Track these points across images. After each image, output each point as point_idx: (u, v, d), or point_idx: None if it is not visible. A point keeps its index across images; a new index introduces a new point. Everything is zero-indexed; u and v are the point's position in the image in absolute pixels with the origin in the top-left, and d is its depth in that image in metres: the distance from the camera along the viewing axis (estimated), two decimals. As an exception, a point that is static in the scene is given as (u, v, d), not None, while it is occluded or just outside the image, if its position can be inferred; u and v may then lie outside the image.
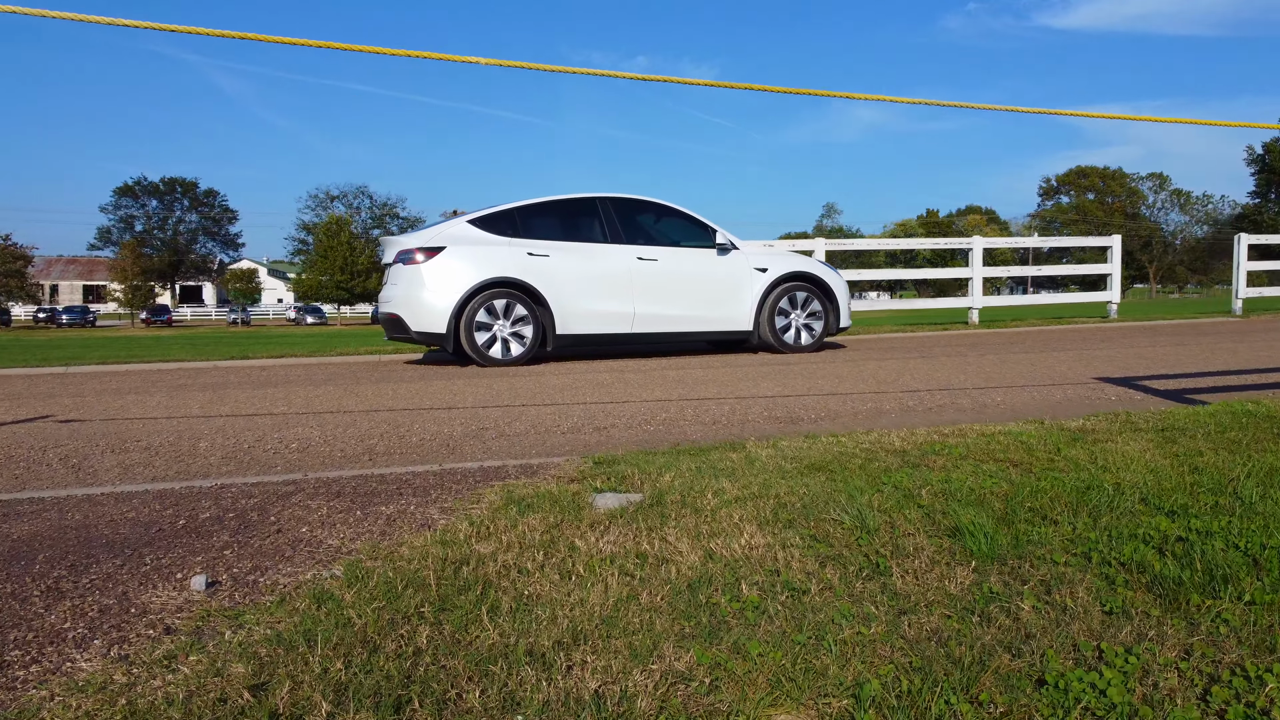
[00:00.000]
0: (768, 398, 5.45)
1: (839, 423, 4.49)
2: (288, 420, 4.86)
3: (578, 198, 8.80)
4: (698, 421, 4.57)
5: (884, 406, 5.03)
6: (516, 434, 4.29)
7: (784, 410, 4.91)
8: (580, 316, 8.35)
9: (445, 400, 5.59)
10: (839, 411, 4.86)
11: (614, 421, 4.60)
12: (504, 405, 5.30)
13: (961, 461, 2.87)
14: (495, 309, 8.11)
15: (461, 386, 6.34)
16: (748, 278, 8.82)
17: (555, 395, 5.75)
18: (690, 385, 6.15)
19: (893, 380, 6.26)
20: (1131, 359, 7.52)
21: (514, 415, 4.86)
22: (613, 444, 3.91)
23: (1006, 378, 6.30)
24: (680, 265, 8.69)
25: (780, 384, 6.14)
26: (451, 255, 8.16)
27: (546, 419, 4.71)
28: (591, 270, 8.42)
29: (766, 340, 8.82)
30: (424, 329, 8.13)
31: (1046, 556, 1.88)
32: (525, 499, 2.57)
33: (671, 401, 5.34)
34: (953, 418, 4.59)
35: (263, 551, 2.16)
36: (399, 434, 4.32)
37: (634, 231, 8.81)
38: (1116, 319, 13.47)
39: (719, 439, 3.99)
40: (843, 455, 3.01)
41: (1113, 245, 13.48)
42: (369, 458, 3.71)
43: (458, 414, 4.96)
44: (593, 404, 5.29)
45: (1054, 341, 9.70)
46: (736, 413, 4.84)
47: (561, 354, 9.33)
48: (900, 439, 3.39)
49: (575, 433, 4.30)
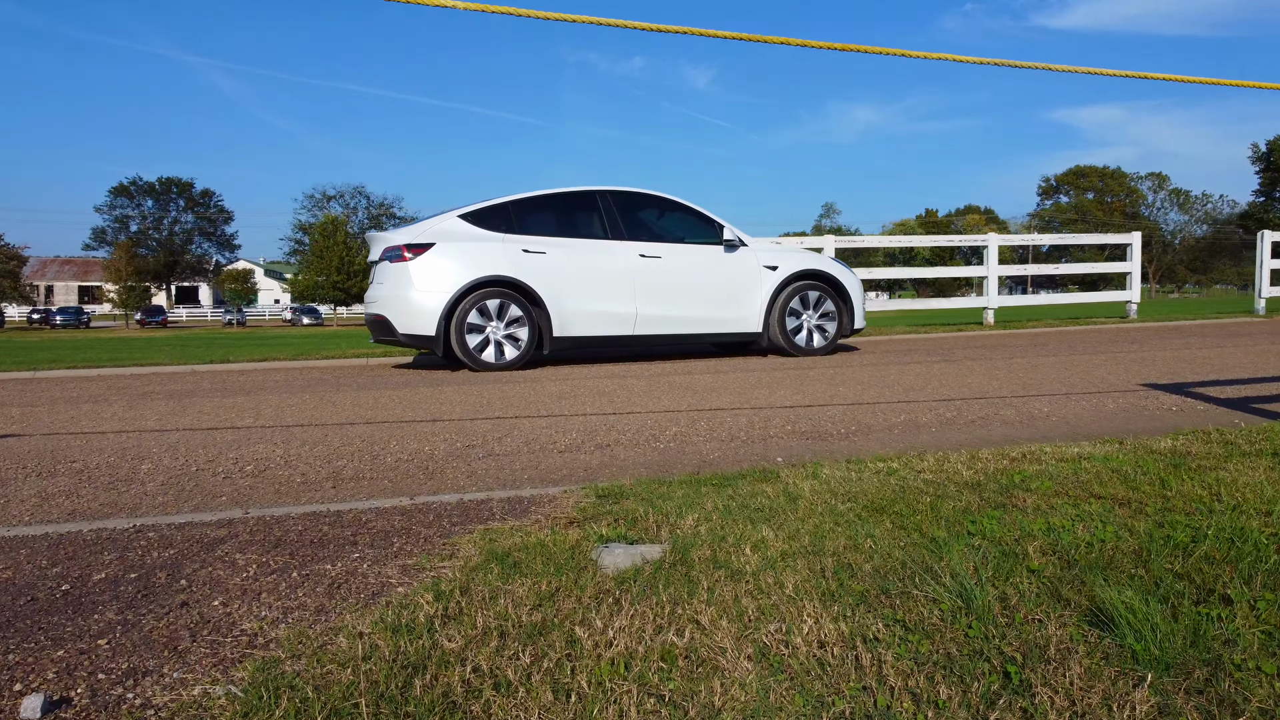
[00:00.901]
0: (787, 408, 4.89)
1: (873, 438, 3.92)
2: (250, 436, 4.29)
3: (576, 191, 8.24)
4: (713, 437, 4.01)
5: (919, 418, 4.47)
6: (507, 453, 3.73)
7: (808, 423, 4.35)
8: (579, 318, 7.79)
9: (430, 411, 5.03)
10: (870, 425, 4.30)
11: (618, 437, 4.03)
12: (495, 417, 4.73)
13: (1055, 499, 2.31)
14: (488, 310, 7.55)
15: (450, 395, 5.78)
16: (756, 276, 8.26)
17: (552, 405, 5.18)
18: (700, 393, 5.59)
19: (920, 387, 5.71)
20: (1172, 362, 6.96)
21: (505, 429, 4.30)
22: (618, 466, 3.35)
23: (1044, 384, 5.75)
24: (685, 263, 8.13)
25: (798, 391, 5.58)
26: (441, 252, 7.60)
27: (541, 434, 4.15)
28: (591, 268, 7.85)
29: (776, 342, 8.26)
30: (412, 331, 7.57)
31: (1247, 664, 1.33)
32: (511, 552, 2.01)
33: (681, 412, 4.78)
34: (1003, 433, 4.03)
35: (152, 641, 1.60)
36: (372, 453, 3.76)
37: (636, 227, 8.25)
38: (1136, 319, 12.91)
39: (741, 460, 3.43)
40: (904, 490, 2.45)
41: (1133, 243, 12.93)
42: (332, 485, 3.15)
43: (442, 428, 4.40)
44: (593, 415, 4.73)
45: (1080, 343, 9.15)
46: (755, 426, 4.27)
47: (559, 358, 8.77)
48: (965, 465, 2.83)
49: (574, 451, 3.74)
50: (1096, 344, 9.00)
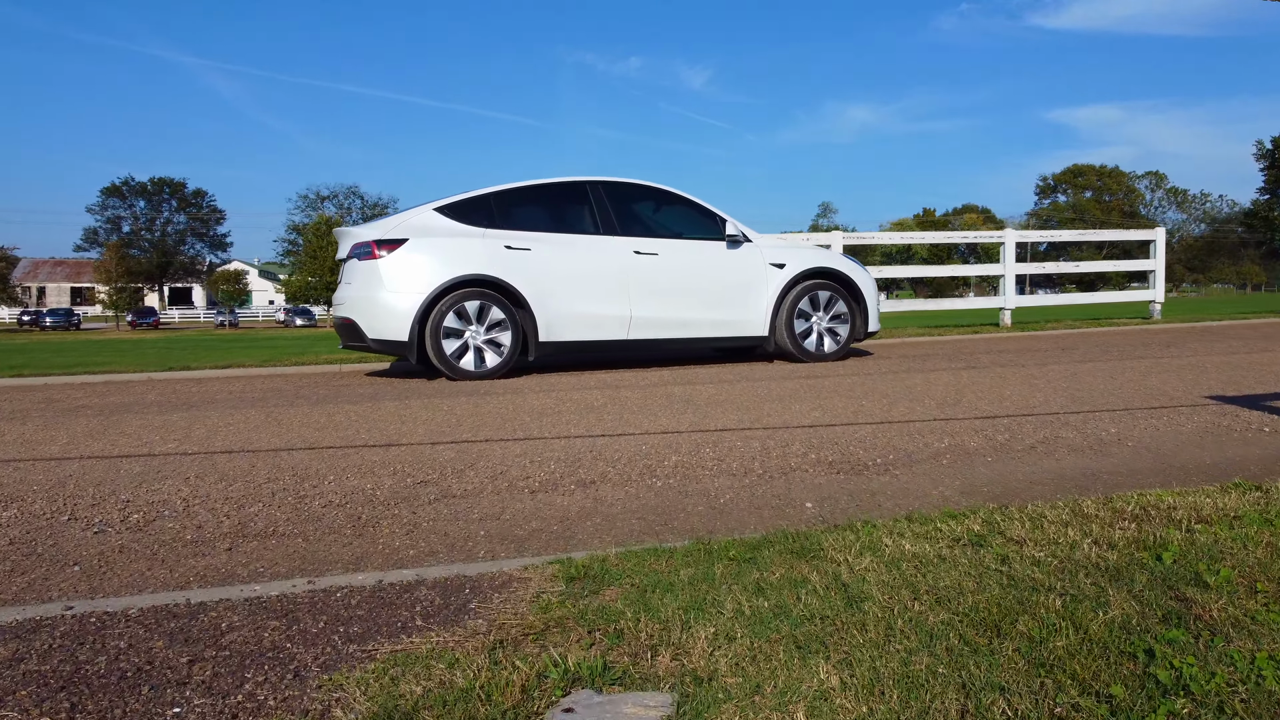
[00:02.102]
0: (806, 428, 4.17)
1: (920, 472, 3.21)
2: (162, 468, 3.56)
3: (564, 182, 7.52)
4: (722, 470, 3.28)
5: (967, 443, 3.75)
6: (466, 493, 3.00)
7: (835, 448, 3.63)
8: (567, 321, 7.07)
9: (389, 432, 4.30)
10: (910, 451, 3.58)
11: (605, 470, 3.31)
12: (462, 440, 4.01)
13: (1255, 605, 1.58)
14: (467, 312, 6.83)
15: (416, 410, 5.05)
16: (762, 274, 7.54)
17: (531, 424, 4.46)
18: (703, 409, 4.86)
19: (954, 400, 4.99)
20: (1226, 369, 6.25)
21: (471, 457, 3.57)
22: (603, 517, 2.63)
23: (1094, 397, 5.03)
24: (684, 260, 7.41)
25: (816, 406, 4.86)
26: (415, 249, 6.88)
27: (513, 465, 3.42)
28: (580, 266, 7.14)
29: (784, 347, 7.55)
30: (382, 336, 6.84)
31: None
32: (419, 711, 1.28)
33: (682, 434, 4.06)
34: (1076, 465, 3.31)
35: None
36: (299, 493, 3.03)
37: (630, 221, 7.53)
38: (1161, 320, 12.21)
39: (760, 505, 2.71)
40: (1014, 583, 1.72)
41: (1157, 239, 12.23)
42: (227, 547, 2.42)
43: (396, 456, 3.67)
44: (578, 438, 4.00)
45: (1112, 347, 8.44)
46: (772, 453, 3.55)
47: (546, 364, 8.04)
48: (1075, 528, 2.11)
49: (550, 491, 3.02)
50: (1129, 347, 8.30)
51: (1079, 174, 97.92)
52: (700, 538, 2.21)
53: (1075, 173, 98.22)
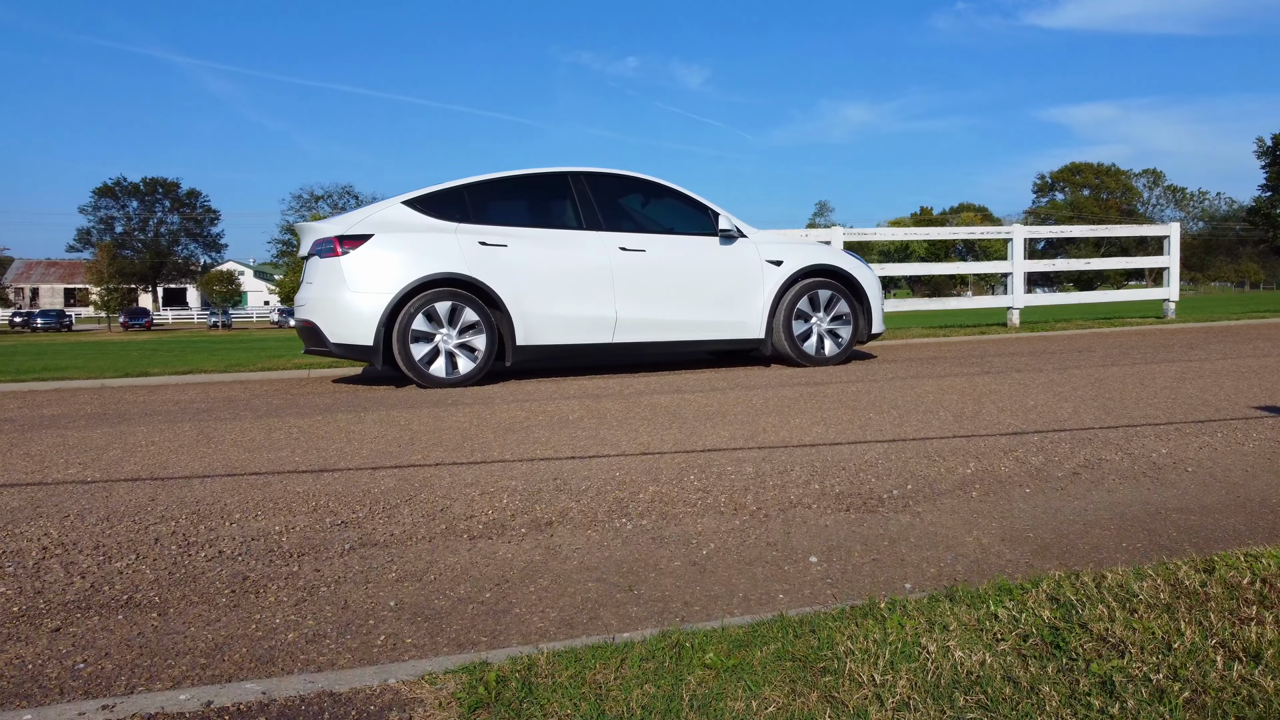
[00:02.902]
0: (808, 447, 3.62)
1: (948, 508, 2.65)
2: (46, 500, 3.00)
3: (544, 173, 6.96)
4: (709, 506, 2.73)
5: (997, 467, 3.19)
6: (390, 541, 2.45)
7: (842, 475, 3.08)
8: (547, 323, 6.51)
9: (329, 453, 3.74)
10: (932, 479, 3.02)
11: (568, 506, 2.75)
12: (409, 464, 3.45)
13: None
14: (437, 314, 6.27)
15: (369, 425, 4.49)
16: (758, 272, 6.99)
17: (493, 442, 3.90)
18: (690, 423, 4.31)
19: (972, 413, 4.44)
20: (1262, 373, 5.70)
21: (412, 488, 3.02)
22: (553, 578, 2.08)
23: (1129, 407, 4.48)
24: (674, 257, 6.86)
25: (818, 419, 4.30)
26: (381, 245, 6.31)
27: (459, 499, 2.86)
28: (562, 264, 6.58)
29: (782, 350, 7.00)
30: (344, 340, 6.28)
31: None
32: None
33: (664, 455, 3.50)
34: (1134, 498, 2.76)
35: None
36: (186, 542, 2.47)
37: (616, 215, 6.98)
38: (1176, 320, 11.68)
39: (753, 558, 2.16)
40: None
41: (1171, 235, 11.69)
42: (56, 627, 1.87)
43: (325, 486, 3.11)
44: (543, 461, 3.44)
45: (1132, 349, 7.90)
46: (768, 482, 3.00)
47: (525, 370, 7.49)
48: (1201, 629, 1.55)
49: (495, 536, 2.46)
50: (1150, 349, 7.75)
51: (1076, 172, 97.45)
52: (668, 629, 1.65)
53: (1073, 170, 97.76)
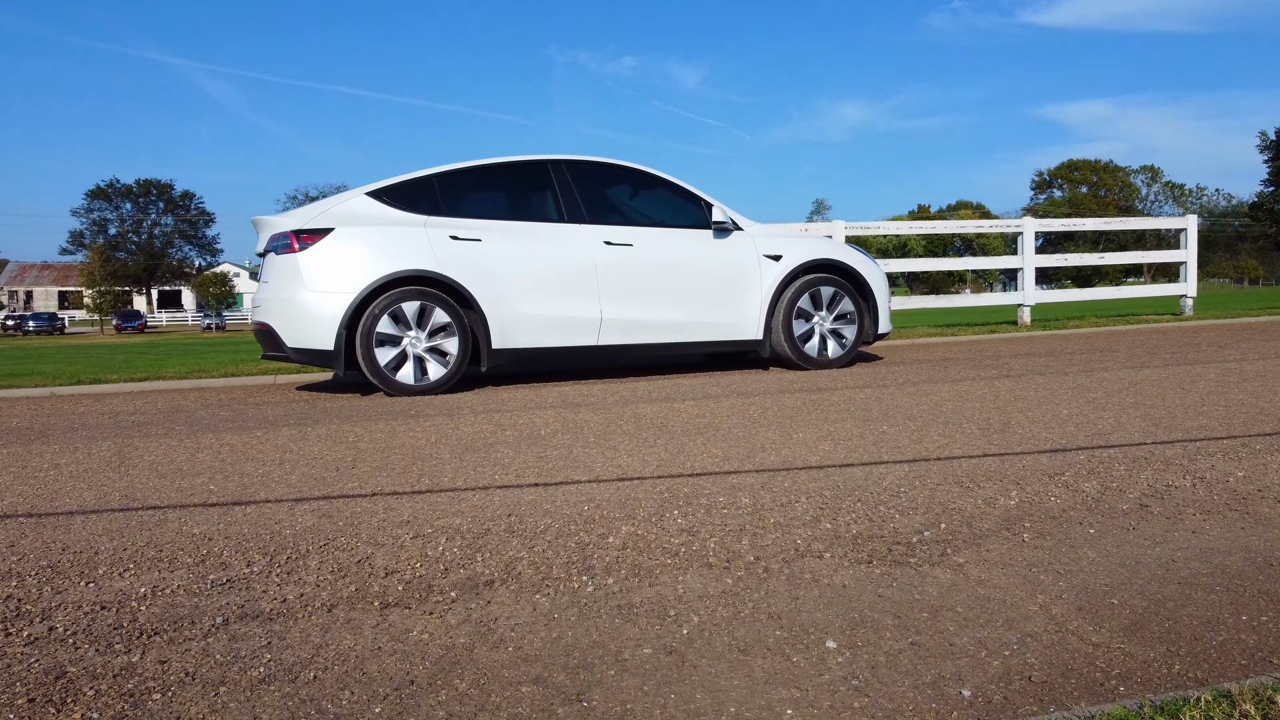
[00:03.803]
0: (814, 469, 3.06)
1: (997, 557, 2.10)
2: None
3: (522, 161, 6.41)
4: (694, 556, 2.17)
5: (1045, 497, 2.64)
6: (275, 612, 1.89)
7: (859, 509, 2.52)
8: (525, 324, 5.96)
9: (252, 479, 3.19)
10: (970, 515, 2.47)
11: (517, 555, 2.20)
12: (338, 495, 2.89)
13: None
14: (404, 315, 5.72)
15: (312, 444, 3.93)
16: (755, 268, 6.44)
17: (448, 464, 3.34)
18: (678, 439, 3.75)
19: (1001, 424, 3.89)
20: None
21: (332, 530, 2.46)
22: (474, 677, 1.53)
23: (1175, 417, 3.93)
24: (664, 252, 6.31)
25: (824, 433, 3.74)
26: (342, 240, 5.76)
27: (383, 546, 2.31)
28: (541, 260, 6.03)
29: (781, 352, 6.45)
30: (303, 344, 5.73)
31: None
32: None
33: (644, 482, 2.95)
34: (1231, 542, 2.20)
35: None
36: (17, 611, 1.91)
37: (601, 207, 6.42)
38: (1194, 317, 11.13)
39: (749, 645, 1.61)
40: None
41: (1188, 228, 11.14)
42: None
43: (229, 525, 2.56)
44: (500, 490, 2.89)
45: (1156, 349, 7.35)
46: (768, 518, 2.45)
47: (504, 375, 6.93)
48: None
49: (416, 603, 1.91)
50: (1178, 349, 7.20)
51: (1074, 169, 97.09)
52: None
53: (1071, 167, 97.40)
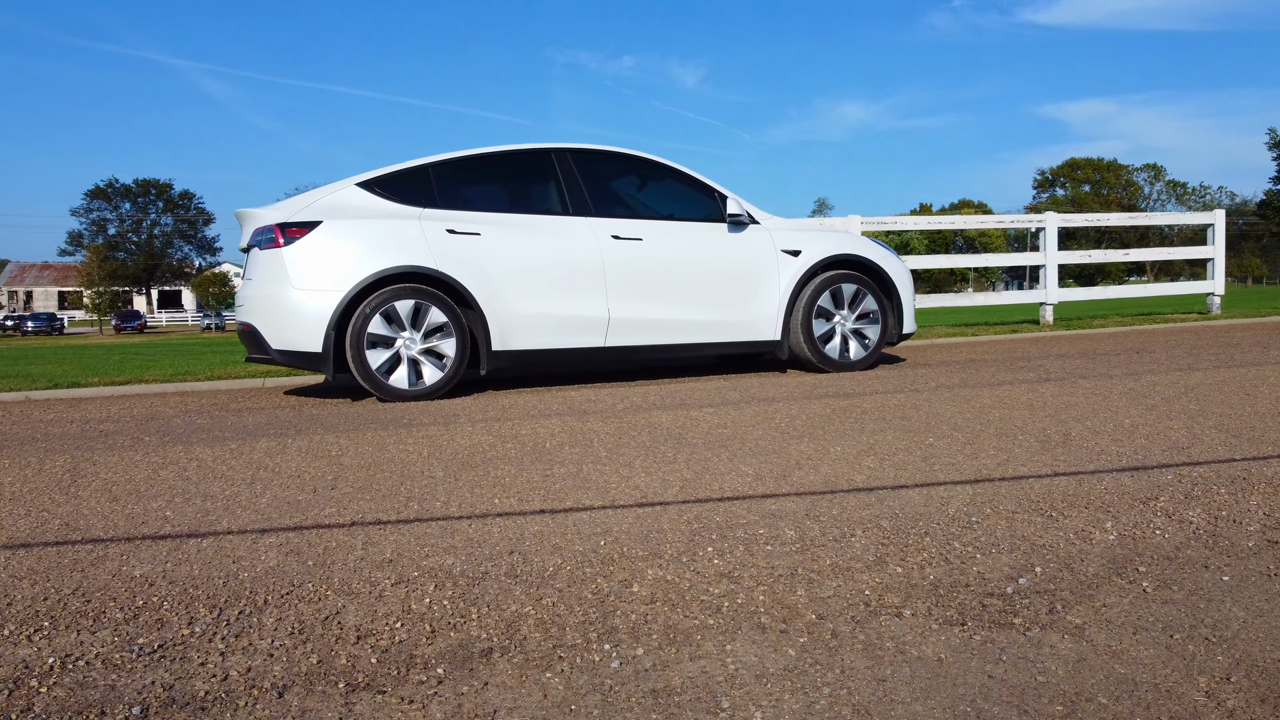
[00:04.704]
0: (862, 491, 2.65)
1: (1121, 617, 1.68)
2: None
3: (524, 150, 6.00)
4: (740, 612, 1.76)
5: (1149, 531, 2.22)
6: (210, 699, 1.49)
7: (930, 547, 2.11)
8: (527, 324, 5.55)
9: (217, 501, 2.77)
10: (1068, 556, 2.05)
11: (520, 610, 1.78)
12: (311, 524, 2.48)
13: None
14: (398, 315, 5.31)
15: (289, 459, 3.51)
16: (773, 264, 6.03)
17: (439, 485, 2.92)
18: (700, 452, 3.33)
19: (1061, 436, 3.47)
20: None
21: (299, 571, 2.05)
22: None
23: (1257, 427, 3.51)
24: (675, 247, 5.89)
25: (865, 446, 3.32)
26: (331, 234, 5.35)
27: (358, 595, 1.89)
28: (544, 255, 5.62)
29: (800, 353, 6.04)
30: (288, 346, 5.32)
31: None
32: None
33: (668, 508, 2.53)
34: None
35: None
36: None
37: (607, 199, 6.02)
38: (1223, 315, 10.71)
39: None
40: None
41: (1215, 223, 10.71)
42: None
43: (176, 565, 2.14)
44: (499, 518, 2.47)
45: (1197, 349, 6.92)
46: (822, 558, 2.03)
47: (505, 377, 6.52)
48: None
49: (387, 688, 1.50)
50: (1221, 349, 6.78)
51: (1076, 167, 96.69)
52: None
53: (1073, 166, 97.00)
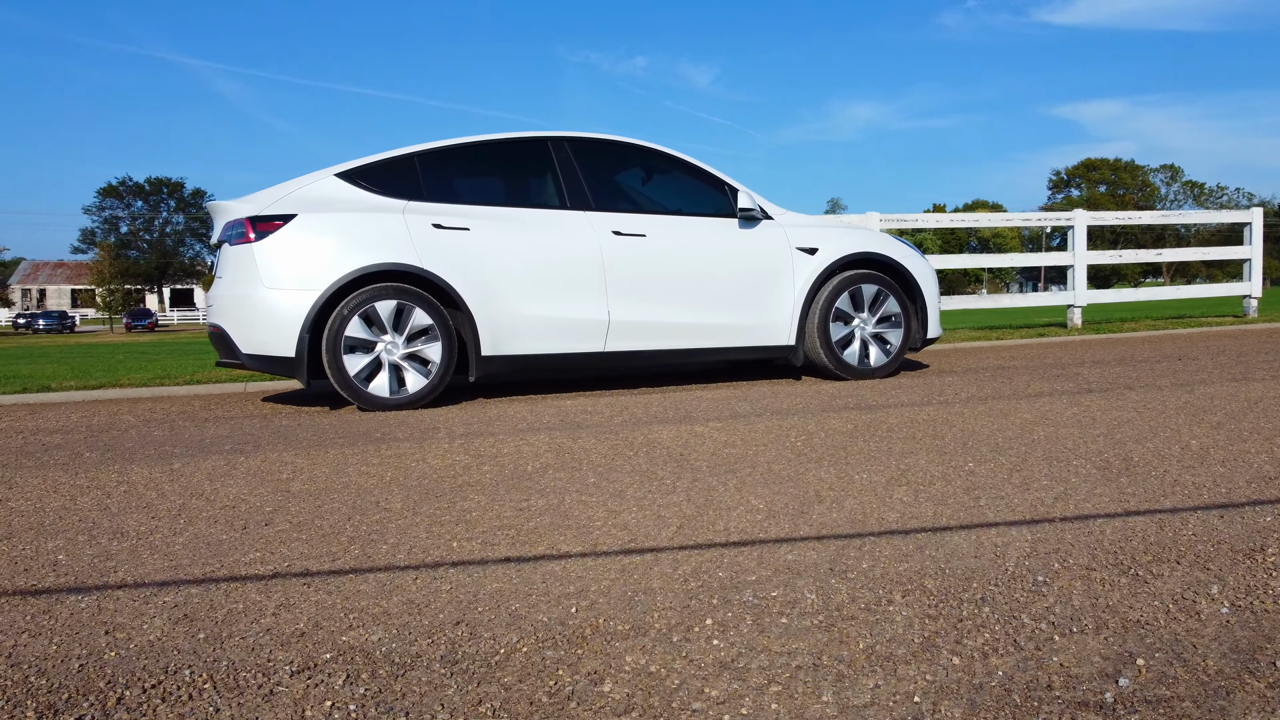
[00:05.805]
0: (898, 535, 2.19)
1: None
2: None
3: (518, 138, 5.56)
4: (745, 720, 1.31)
5: (1264, 599, 1.76)
6: None
7: (992, 624, 1.65)
8: (521, 327, 5.10)
9: (127, 539, 2.34)
10: (1175, 639, 1.59)
11: None
12: (224, 575, 2.04)
13: None
14: (378, 317, 4.88)
15: (233, 483, 3.07)
16: (787, 263, 5.56)
17: (391, 520, 2.48)
18: (704, 481, 2.87)
19: (1121, 461, 2.99)
20: None
21: (184, 650, 1.61)
22: None
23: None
24: (682, 244, 5.44)
25: (895, 474, 2.85)
26: (305, 228, 4.93)
27: (243, 691, 1.45)
28: (539, 253, 5.17)
29: (817, 360, 5.57)
30: (259, 350, 4.90)
31: None
32: None
33: (660, 556, 2.08)
34: None
35: None
36: None
37: (608, 192, 5.57)
38: (1260, 319, 10.16)
39: None
40: None
41: (1252, 221, 10.16)
42: None
43: (32, 639, 1.71)
44: (456, 567, 2.03)
45: (1243, 356, 6.41)
46: (854, 638, 1.58)
47: (497, 384, 6.07)
48: None
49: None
50: (1270, 357, 6.26)
51: (1092, 168, 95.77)
52: None
53: (1089, 166, 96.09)
